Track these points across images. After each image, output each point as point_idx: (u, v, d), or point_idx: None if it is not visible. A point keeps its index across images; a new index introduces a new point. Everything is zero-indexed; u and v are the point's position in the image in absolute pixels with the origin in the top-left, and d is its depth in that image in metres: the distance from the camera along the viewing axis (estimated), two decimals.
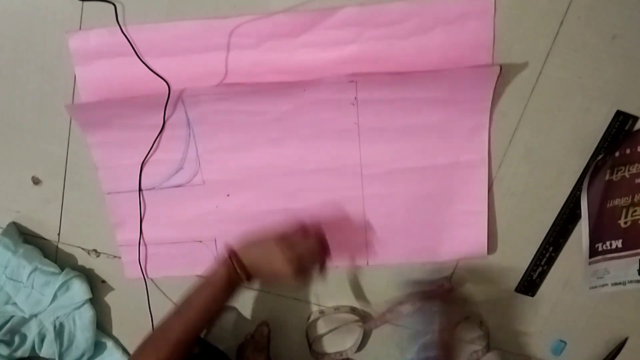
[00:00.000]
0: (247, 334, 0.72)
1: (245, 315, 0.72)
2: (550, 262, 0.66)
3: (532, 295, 0.68)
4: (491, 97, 0.59)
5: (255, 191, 0.65)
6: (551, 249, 0.66)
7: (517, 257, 0.66)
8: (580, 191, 0.63)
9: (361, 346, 0.72)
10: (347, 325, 0.70)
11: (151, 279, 0.70)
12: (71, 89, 0.62)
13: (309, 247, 0.55)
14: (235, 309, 0.72)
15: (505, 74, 0.59)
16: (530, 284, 0.68)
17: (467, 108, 0.60)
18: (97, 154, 0.64)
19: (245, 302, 0.71)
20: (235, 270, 0.53)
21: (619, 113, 0.59)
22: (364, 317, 0.70)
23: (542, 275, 0.67)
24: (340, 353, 0.72)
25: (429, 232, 0.66)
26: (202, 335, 0.71)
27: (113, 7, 0.57)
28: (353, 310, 0.69)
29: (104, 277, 0.71)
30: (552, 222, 0.65)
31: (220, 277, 0.53)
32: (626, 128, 0.60)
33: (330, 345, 0.73)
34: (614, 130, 0.60)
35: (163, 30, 0.59)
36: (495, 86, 0.58)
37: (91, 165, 0.65)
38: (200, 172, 0.64)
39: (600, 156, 0.61)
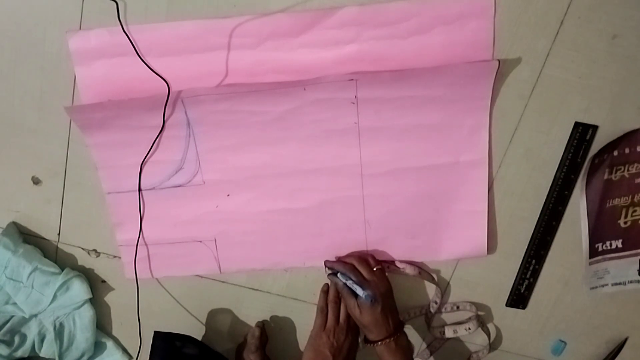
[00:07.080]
0: (245, 335, 0.72)
1: (244, 315, 0.72)
2: (536, 274, 0.67)
3: (524, 308, 0.68)
4: (490, 94, 0.59)
5: (255, 191, 0.65)
6: (534, 261, 0.66)
7: (517, 257, 0.66)
8: (552, 203, 0.63)
9: None
10: None
11: (156, 279, 0.70)
12: (71, 89, 0.62)
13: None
14: (231, 311, 0.72)
15: (505, 74, 0.59)
16: (519, 297, 0.68)
17: (467, 107, 0.60)
18: (97, 154, 0.64)
19: (244, 302, 0.71)
20: None
21: (577, 124, 0.60)
22: None
23: (530, 288, 0.67)
24: None
25: (429, 231, 0.66)
26: (199, 338, 0.72)
27: (114, 6, 0.57)
28: None
29: (104, 277, 0.71)
30: (531, 235, 0.65)
31: None
32: (587, 138, 0.60)
33: None
34: (575, 141, 0.60)
35: (163, 30, 0.59)
36: (494, 82, 0.58)
37: (91, 165, 0.65)
38: (200, 172, 0.64)
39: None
